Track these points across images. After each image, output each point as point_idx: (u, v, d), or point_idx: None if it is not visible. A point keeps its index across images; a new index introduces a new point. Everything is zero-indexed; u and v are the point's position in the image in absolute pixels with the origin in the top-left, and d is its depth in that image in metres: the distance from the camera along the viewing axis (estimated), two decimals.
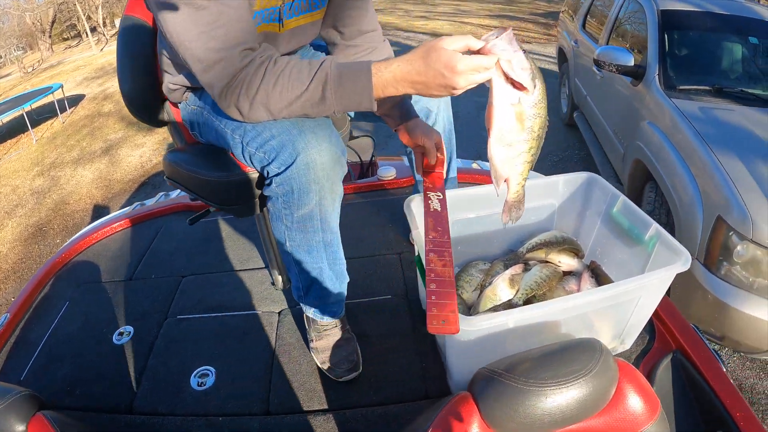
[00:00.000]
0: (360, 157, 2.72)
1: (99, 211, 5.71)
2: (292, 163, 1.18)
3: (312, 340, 1.60)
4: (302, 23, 1.41)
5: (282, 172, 1.20)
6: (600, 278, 1.60)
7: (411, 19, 14.19)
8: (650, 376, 1.47)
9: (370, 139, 2.70)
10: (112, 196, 6.05)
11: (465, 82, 1.01)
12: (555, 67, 7.20)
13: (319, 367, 1.60)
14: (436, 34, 11.95)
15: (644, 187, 3.33)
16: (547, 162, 4.79)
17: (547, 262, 1.69)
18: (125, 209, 2.70)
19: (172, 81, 1.47)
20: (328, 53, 1.64)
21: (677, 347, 1.53)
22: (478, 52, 1.02)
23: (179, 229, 2.45)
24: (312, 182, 1.20)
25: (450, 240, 1.22)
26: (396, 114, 1.52)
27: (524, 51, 1.01)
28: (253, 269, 2.10)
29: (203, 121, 1.47)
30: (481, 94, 1.10)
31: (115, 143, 7.71)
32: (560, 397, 0.94)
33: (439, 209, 1.32)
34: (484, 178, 2.39)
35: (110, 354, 1.68)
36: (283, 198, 1.25)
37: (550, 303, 1.18)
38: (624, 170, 3.71)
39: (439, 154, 1.47)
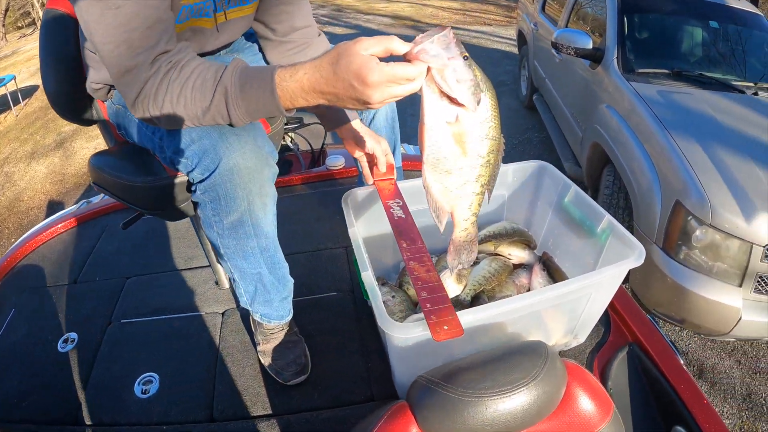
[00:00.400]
0: (311, 146, 2.63)
1: (54, 207, 5.51)
2: (215, 169, 1.10)
3: (259, 343, 1.54)
4: (233, 17, 1.33)
5: (206, 179, 1.13)
6: (552, 271, 1.55)
7: (371, 2, 14.00)
8: (605, 371, 1.45)
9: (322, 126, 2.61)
10: (66, 191, 5.85)
11: (380, 95, 0.84)
12: (515, 50, 7.16)
13: (265, 370, 1.54)
14: (397, 17, 11.84)
15: (603, 170, 3.30)
16: (507, 146, 4.73)
17: (496, 254, 1.63)
18: (71, 208, 2.60)
19: (95, 79, 1.38)
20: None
21: (633, 340, 1.51)
22: (404, 58, 0.85)
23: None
24: (238, 188, 1.12)
25: (425, 244, 1.15)
26: (331, 116, 1.44)
27: (466, 57, 0.84)
28: (197, 268, 2.02)
29: (128, 121, 1.39)
30: None
31: (68, 136, 7.46)
32: (502, 407, 0.90)
33: (404, 216, 1.24)
34: None
35: (56, 363, 1.63)
36: (211, 205, 1.17)
37: (496, 305, 1.10)
38: (582, 153, 3.68)
39: (388, 160, 1.39)
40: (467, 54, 0.84)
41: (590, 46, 3.56)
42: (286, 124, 2.52)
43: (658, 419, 1.37)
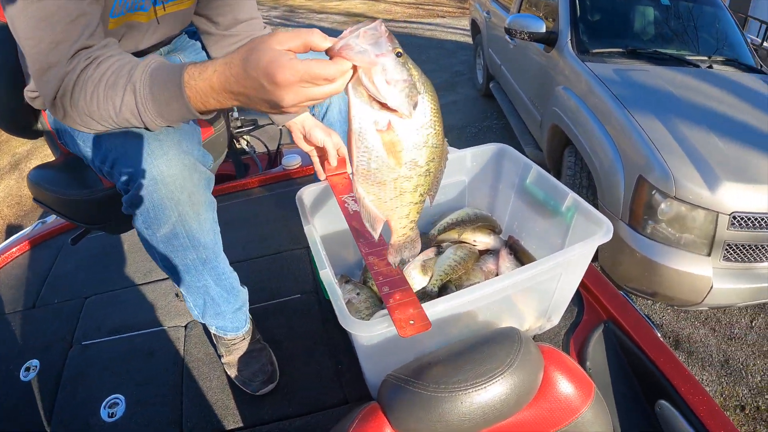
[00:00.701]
0: (267, 147, 2.56)
1: (12, 231, 5.31)
2: (139, 178, 1.03)
3: (222, 355, 1.48)
4: (172, 11, 1.26)
5: (130, 190, 1.06)
6: (519, 254, 1.51)
7: (323, 0, 13.84)
8: (582, 351, 1.42)
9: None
10: (25, 214, 5.64)
11: (293, 97, 0.72)
12: (470, 40, 7.16)
13: (232, 382, 1.47)
14: (350, 15, 11.76)
15: (563, 152, 3.30)
16: (467, 134, 4.72)
17: (461, 242, 1.58)
18: (25, 230, 2.48)
19: (30, 87, 1.28)
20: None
21: (608, 317, 1.48)
22: (326, 55, 0.72)
23: (80, 245, 2.25)
24: (165, 198, 1.05)
25: (383, 238, 1.08)
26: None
27: (399, 54, 0.71)
28: (156, 281, 1.93)
29: (64, 130, 1.31)
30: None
31: (23, 157, 7.20)
32: (477, 399, 0.85)
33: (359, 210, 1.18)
34: None
35: (19, 392, 1.56)
36: (141, 218, 1.09)
37: (464, 293, 1.06)
38: (542, 136, 3.68)
39: (339, 153, 1.32)
40: (401, 50, 0.71)
41: (543, 29, 3.55)
42: (239, 127, 2.45)
43: (640, 395, 1.35)
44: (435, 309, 1.02)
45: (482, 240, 1.59)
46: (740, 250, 2.32)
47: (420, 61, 5.30)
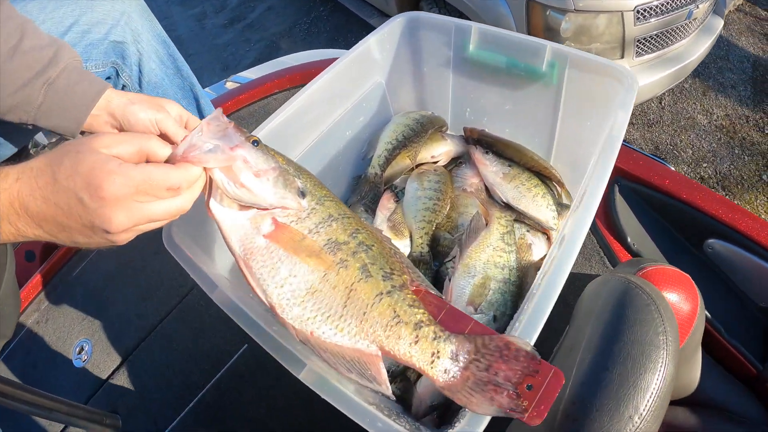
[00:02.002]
0: None
1: None
2: None
3: None
4: None
5: None
6: (496, 146, 1.10)
7: None
8: (613, 225, 1.21)
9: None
10: None
11: (126, 217, 0.52)
12: None
13: None
14: None
15: (418, 5, 2.82)
16: (298, 34, 4.05)
17: (418, 166, 1.14)
18: None
19: None
20: None
21: (617, 174, 1.25)
22: (170, 162, 0.56)
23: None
24: None
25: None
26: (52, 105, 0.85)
27: (256, 142, 0.59)
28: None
29: None
30: None
31: None
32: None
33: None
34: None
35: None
36: None
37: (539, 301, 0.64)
38: (389, 2, 3.13)
39: (189, 126, 0.84)
40: (256, 137, 0.60)
41: None
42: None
43: (684, 242, 1.23)
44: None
45: (441, 151, 1.15)
46: (650, 41, 2.15)
47: None
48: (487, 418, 0.55)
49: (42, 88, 0.76)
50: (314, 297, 0.58)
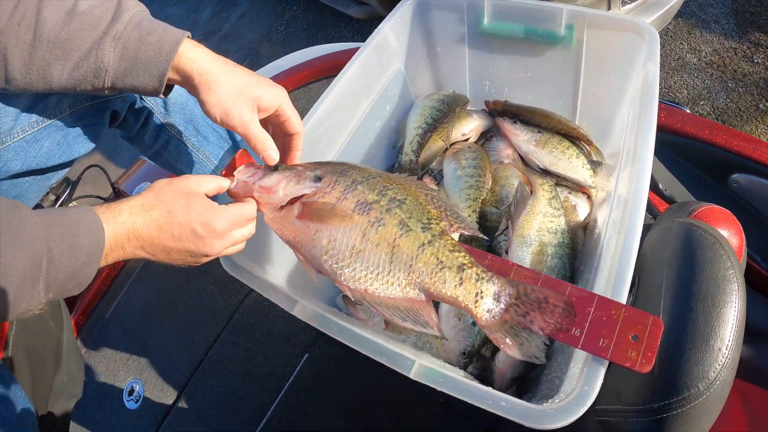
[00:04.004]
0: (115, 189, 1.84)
1: None
2: None
3: None
4: None
5: None
6: (523, 114, 1.11)
7: None
8: None
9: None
10: None
11: (223, 244, 0.68)
12: None
13: None
14: None
15: None
16: (275, 37, 4.03)
17: (452, 146, 1.16)
18: None
19: None
20: None
21: None
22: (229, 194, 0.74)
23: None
24: None
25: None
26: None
27: (277, 167, 0.74)
28: None
29: None
30: None
31: None
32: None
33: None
34: None
35: None
36: None
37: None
38: None
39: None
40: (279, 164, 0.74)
41: None
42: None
43: (709, 181, 1.26)
44: None
45: (471, 127, 1.16)
46: None
47: None
48: (596, 390, 0.57)
49: (111, 45, 0.72)
50: (359, 257, 0.64)
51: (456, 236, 0.67)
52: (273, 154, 0.75)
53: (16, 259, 0.55)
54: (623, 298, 0.62)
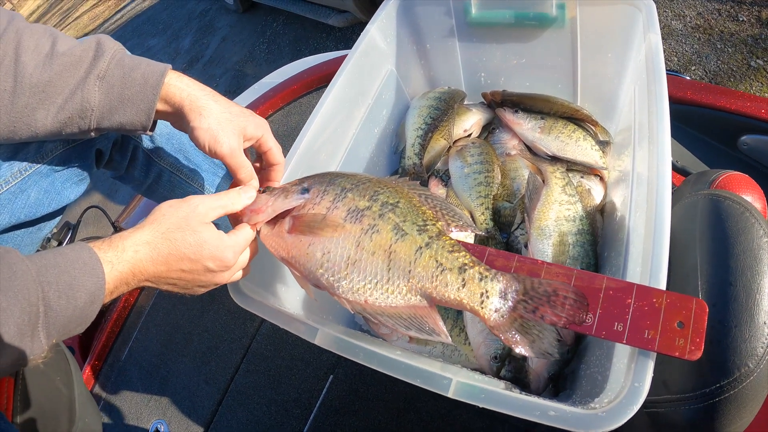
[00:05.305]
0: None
1: None
2: None
3: None
4: None
5: None
6: (521, 102, 1.09)
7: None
8: None
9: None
10: None
11: (232, 274, 0.69)
12: None
13: None
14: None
15: None
16: (259, 55, 4.01)
17: (455, 144, 1.13)
18: None
19: None
20: None
21: None
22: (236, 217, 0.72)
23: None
24: None
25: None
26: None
27: (268, 188, 0.74)
28: None
29: None
30: None
31: None
32: None
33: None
34: None
35: None
36: None
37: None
38: None
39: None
40: (271, 186, 0.77)
41: None
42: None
43: (718, 145, 1.24)
44: None
45: (472, 122, 1.14)
46: None
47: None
48: (647, 387, 0.54)
49: (96, 84, 0.71)
50: (355, 267, 0.62)
51: (461, 236, 0.65)
52: (256, 183, 0.76)
53: (11, 309, 0.52)
54: (662, 284, 0.59)
